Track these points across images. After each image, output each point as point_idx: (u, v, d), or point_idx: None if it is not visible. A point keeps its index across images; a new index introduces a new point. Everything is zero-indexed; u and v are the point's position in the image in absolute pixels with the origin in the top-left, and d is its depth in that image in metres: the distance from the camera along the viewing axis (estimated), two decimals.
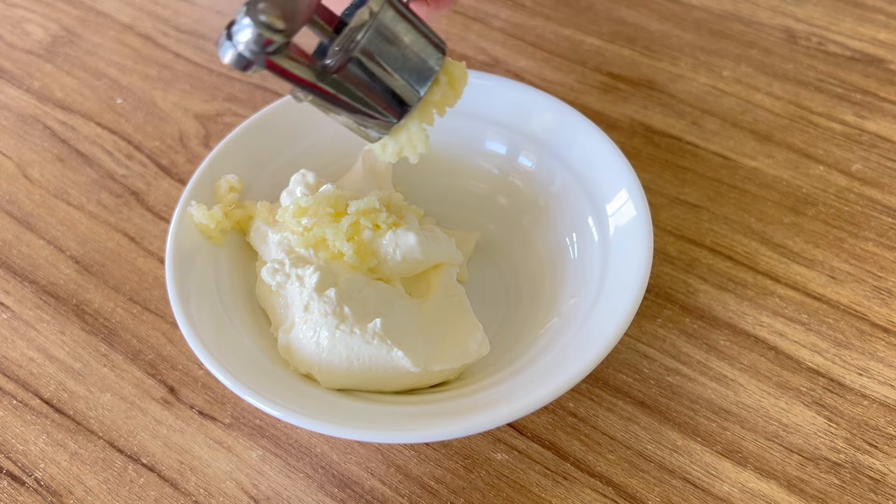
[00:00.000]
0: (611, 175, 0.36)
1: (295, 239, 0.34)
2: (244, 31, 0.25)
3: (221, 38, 0.25)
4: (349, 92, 0.28)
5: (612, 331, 0.31)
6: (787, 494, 0.32)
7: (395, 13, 0.28)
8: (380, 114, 0.29)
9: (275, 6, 0.25)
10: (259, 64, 0.25)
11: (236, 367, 0.31)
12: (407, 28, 0.28)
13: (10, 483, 0.34)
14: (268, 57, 0.25)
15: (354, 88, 0.28)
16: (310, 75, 0.27)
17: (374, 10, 0.27)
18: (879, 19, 0.50)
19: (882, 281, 0.38)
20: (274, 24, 0.25)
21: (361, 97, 0.28)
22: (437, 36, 0.29)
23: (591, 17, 0.52)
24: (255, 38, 0.25)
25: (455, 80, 0.30)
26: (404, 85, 0.29)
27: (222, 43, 0.25)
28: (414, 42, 0.28)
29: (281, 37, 0.25)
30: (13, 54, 0.53)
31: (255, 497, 0.33)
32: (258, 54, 0.25)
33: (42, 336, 0.39)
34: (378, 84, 0.28)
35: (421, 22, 0.29)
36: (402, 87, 0.29)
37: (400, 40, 0.28)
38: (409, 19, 0.28)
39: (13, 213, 0.44)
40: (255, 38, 0.25)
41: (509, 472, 0.33)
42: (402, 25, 0.28)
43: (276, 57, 0.26)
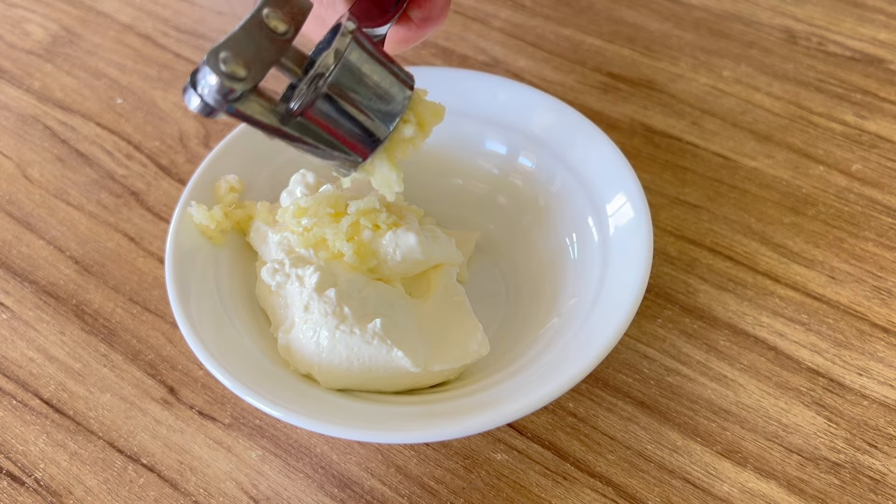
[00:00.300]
0: (611, 175, 0.36)
1: (295, 239, 0.34)
2: (206, 79, 0.25)
3: (187, 85, 0.25)
4: (314, 133, 0.28)
5: (612, 331, 0.31)
6: (786, 494, 0.32)
7: (362, 52, 0.28)
8: (346, 153, 0.29)
9: (237, 54, 0.25)
10: (223, 111, 0.26)
11: (236, 367, 0.31)
12: (373, 68, 0.28)
13: (9, 483, 0.34)
14: (231, 104, 0.26)
15: (319, 130, 0.28)
16: (273, 120, 0.27)
17: (340, 49, 0.27)
18: (879, 19, 0.50)
19: (882, 281, 0.38)
20: (236, 73, 0.25)
21: (327, 138, 0.28)
22: (404, 72, 0.29)
23: (591, 17, 0.52)
24: (217, 87, 0.25)
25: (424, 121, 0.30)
26: (370, 125, 0.28)
27: (187, 90, 0.25)
28: (380, 81, 0.28)
29: (242, 85, 0.25)
30: (13, 54, 0.53)
31: (254, 497, 0.33)
32: (221, 102, 0.25)
33: (42, 336, 0.39)
34: (344, 125, 0.28)
35: (388, 59, 0.29)
36: (369, 127, 0.28)
37: (366, 80, 0.28)
38: (376, 58, 0.28)
39: (13, 213, 0.44)
40: (217, 87, 0.25)
41: (509, 472, 0.33)
42: (367, 66, 0.28)
43: (239, 104, 0.26)
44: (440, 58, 0.50)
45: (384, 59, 0.29)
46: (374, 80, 0.28)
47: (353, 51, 0.27)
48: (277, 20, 0.27)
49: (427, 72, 0.40)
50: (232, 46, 0.25)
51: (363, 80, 0.28)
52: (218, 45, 0.25)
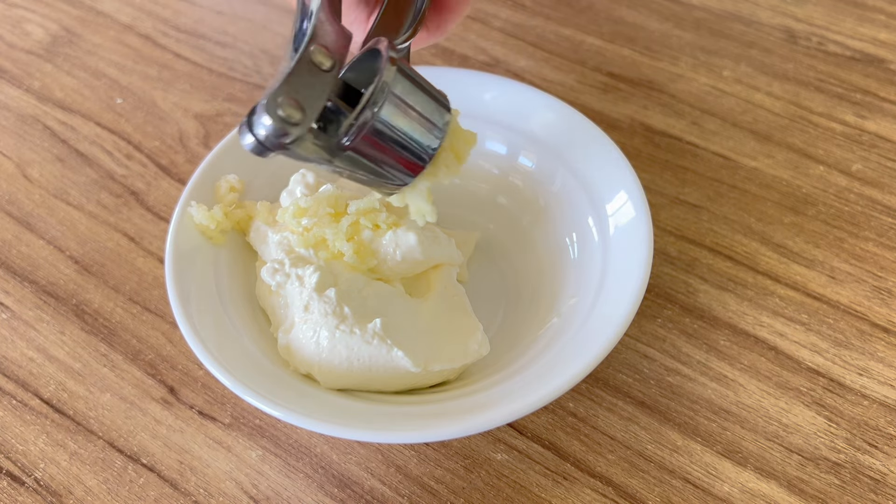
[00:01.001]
0: (611, 175, 0.36)
1: (295, 239, 0.34)
2: (263, 123, 0.25)
3: (242, 126, 0.26)
4: (362, 164, 0.28)
5: (612, 331, 0.31)
6: (787, 494, 0.32)
7: (406, 83, 0.28)
8: (390, 179, 0.29)
9: (292, 99, 0.25)
10: (277, 151, 0.26)
11: (236, 367, 0.31)
12: (417, 98, 0.28)
13: (9, 483, 0.34)
14: (286, 145, 0.26)
15: (367, 161, 0.28)
16: (325, 155, 0.27)
17: (388, 81, 0.28)
18: (879, 19, 0.50)
19: (882, 281, 0.38)
20: (292, 118, 0.25)
21: (373, 168, 0.29)
22: (441, 94, 0.30)
23: (591, 17, 0.52)
24: (273, 131, 0.25)
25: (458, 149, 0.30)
26: (415, 151, 0.29)
27: (243, 131, 0.26)
28: (424, 110, 0.29)
29: (298, 130, 0.25)
30: (13, 54, 0.53)
31: (254, 497, 0.33)
32: (277, 144, 0.26)
33: (42, 336, 0.39)
34: (390, 154, 0.29)
35: (426, 82, 0.29)
36: (413, 154, 0.29)
37: (411, 111, 0.28)
38: (419, 85, 0.29)
39: (13, 213, 0.44)
40: (273, 131, 0.25)
41: (509, 472, 0.33)
42: (412, 96, 0.28)
43: (294, 145, 0.26)
44: (440, 58, 0.50)
45: (425, 86, 0.29)
46: (418, 109, 0.28)
47: (399, 82, 0.28)
48: (322, 56, 0.27)
49: (427, 72, 0.40)
50: (289, 89, 0.26)
51: (409, 111, 0.28)
52: (275, 89, 0.25)
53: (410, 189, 0.30)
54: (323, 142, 0.27)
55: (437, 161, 0.30)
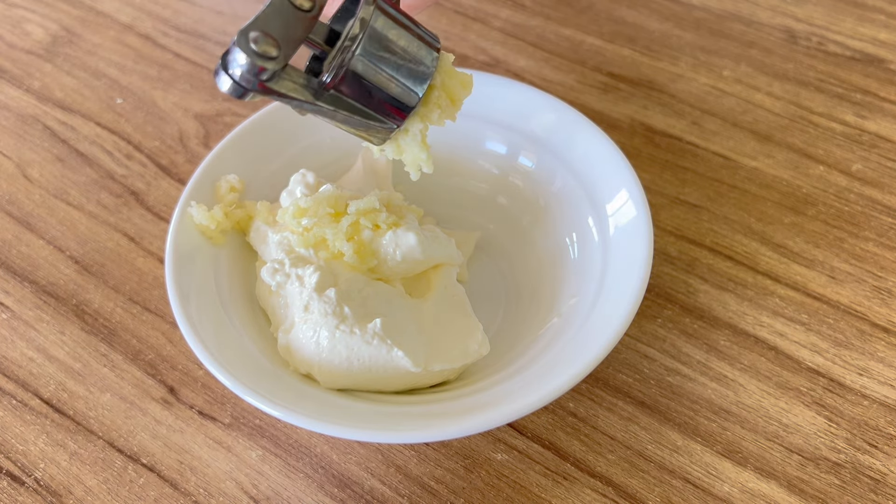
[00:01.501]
0: (611, 175, 0.36)
1: (295, 239, 0.34)
2: (237, 60, 0.25)
3: (218, 68, 0.25)
4: (348, 105, 0.28)
5: (612, 331, 0.31)
6: (787, 494, 0.32)
7: (386, 19, 0.28)
8: (380, 121, 0.29)
9: (266, 33, 0.25)
10: (256, 91, 0.26)
11: (236, 367, 0.31)
12: (399, 33, 0.28)
13: (9, 483, 0.34)
14: (264, 83, 0.25)
15: (353, 101, 0.28)
16: (307, 95, 0.27)
17: (366, 18, 0.27)
18: (879, 19, 0.50)
19: (882, 281, 0.38)
20: (267, 52, 0.25)
21: (360, 108, 0.28)
22: (429, 33, 0.29)
23: (591, 17, 0.52)
24: (248, 67, 0.25)
25: (452, 91, 0.30)
26: (402, 90, 0.28)
27: (218, 72, 0.25)
28: (408, 46, 0.28)
29: (274, 63, 0.25)
30: (13, 54, 0.53)
31: (254, 497, 0.33)
32: (253, 82, 0.25)
33: (42, 336, 0.39)
34: (376, 93, 0.28)
35: (412, 21, 0.29)
36: (400, 93, 0.29)
37: (393, 46, 0.28)
38: (401, 22, 0.28)
39: (13, 213, 0.44)
40: (248, 67, 0.25)
41: (509, 472, 0.33)
42: (394, 31, 0.28)
43: (272, 82, 0.26)
44: None
45: (409, 23, 0.28)
46: (401, 44, 0.28)
47: (378, 18, 0.27)
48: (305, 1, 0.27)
49: None
50: (261, 26, 0.25)
51: (391, 46, 0.28)
52: (247, 25, 0.25)
53: (403, 133, 0.30)
54: (305, 81, 0.27)
55: (429, 101, 0.29)
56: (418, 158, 0.31)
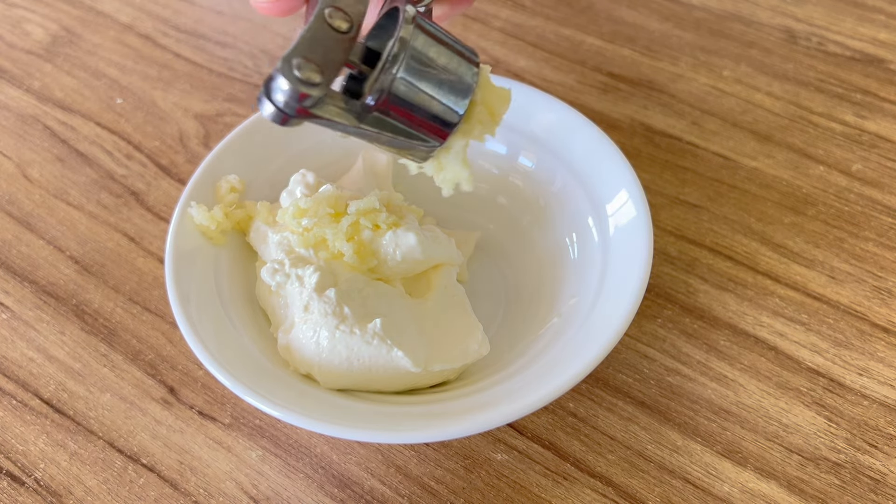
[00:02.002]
0: (611, 175, 0.36)
1: (295, 239, 0.34)
2: (280, 87, 0.24)
3: (260, 95, 0.25)
4: (391, 126, 0.28)
5: (612, 331, 0.31)
6: (787, 494, 0.32)
7: (427, 37, 0.27)
8: (423, 140, 0.29)
9: (309, 59, 0.25)
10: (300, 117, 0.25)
11: (236, 367, 0.31)
12: (439, 50, 0.28)
13: (9, 483, 0.34)
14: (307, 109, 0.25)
15: (396, 122, 0.28)
16: (351, 119, 0.27)
17: (406, 38, 0.27)
18: (879, 19, 0.50)
19: (882, 281, 0.38)
20: (310, 79, 0.24)
21: (404, 129, 0.28)
22: (467, 47, 0.29)
23: (591, 17, 0.52)
24: (292, 94, 0.24)
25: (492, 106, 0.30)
26: (444, 108, 0.28)
27: (261, 99, 0.25)
28: (448, 63, 0.28)
29: (318, 90, 0.25)
30: (13, 54, 0.53)
31: (254, 497, 0.33)
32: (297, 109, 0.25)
33: (42, 336, 0.39)
34: (419, 113, 0.28)
35: (450, 36, 0.29)
36: (443, 111, 0.28)
37: (435, 65, 0.28)
38: (441, 39, 0.28)
39: (13, 213, 0.44)
40: (292, 94, 0.24)
41: (509, 472, 0.33)
42: (434, 49, 0.28)
43: (316, 108, 0.25)
44: None
45: (448, 38, 0.28)
46: (442, 62, 0.28)
47: (419, 37, 0.27)
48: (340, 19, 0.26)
49: None
50: (303, 51, 0.25)
51: (432, 64, 0.27)
52: (289, 51, 0.24)
53: (445, 151, 0.29)
54: (347, 105, 0.27)
55: (471, 117, 0.29)
56: (459, 176, 0.30)
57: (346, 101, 0.27)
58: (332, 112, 0.26)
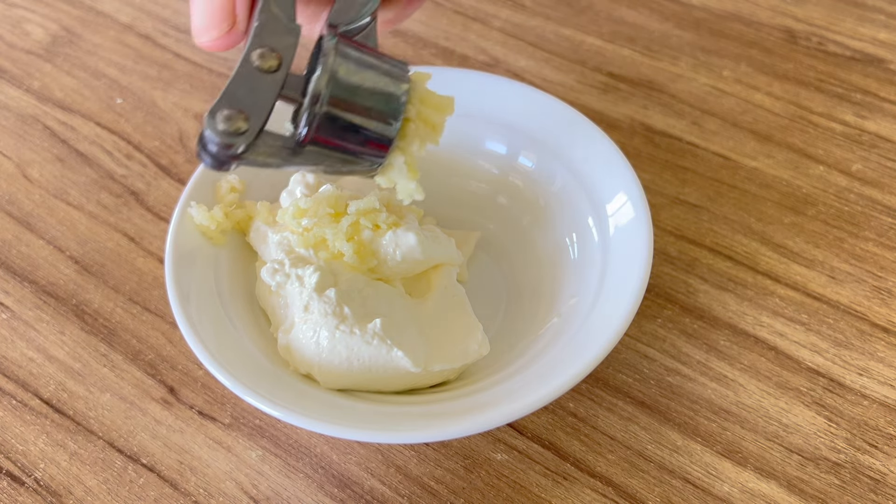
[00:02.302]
0: (611, 175, 0.36)
1: (295, 239, 0.34)
2: (210, 140, 0.25)
3: (197, 146, 0.26)
4: (326, 156, 0.28)
5: (612, 331, 0.31)
6: (787, 494, 0.32)
7: (349, 64, 0.27)
8: (361, 163, 0.29)
9: (233, 108, 0.26)
10: (233, 163, 0.26)
11: (236, 367, 0.31)
12: (364, 76, 0.28)
13: (9, 483, 0.34)
14: (238, 157, 0.26)
15: (330, 151, 0.28)
16: (286, 156, 0.27)
17: (326, 67, 0.27)
18: (879, 19, 0.50)
19: (882, 281, 0.38)
20: (237, 129, 0.25)
21: (339, 156, 0.28)
22: (397, 63, 0.29)
23: (591, 17, 0.52)
24: (221, 146, 0.25)
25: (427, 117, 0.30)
26: (377, 131, 0.28)
27: (199, 152, 0.26)
28: (375, 85, 0.28)
29: (244, 139, 0.26)
30: (13, 54, 0.53)
31: (254, 497, 0.33)
32: (229, 158, 0.26)
33: (42, 336, 0.39)
34: (352, 138, 0.28)
35: (377, 56, 0.28)
36: (376, 133, 0.28)
37: (361, 92, 0.27)
38: (365, 62, 0.28)
39: (13, 213, 0.44)
40: (221, 146, 0.25)
41: (509, 472, 0.33)
42: (358, 76, 0.27)
43: (247, 154, 0.26)
44: (440, 58, 0.50)
45: (374, 60, 0.28)
46: (368, 87, 0.28)
47: (341, 65, 0.27)
48: (267, 59, 0.27)
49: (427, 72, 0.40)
50: (227, 101, 0.26)
51: (358, 92, 0.27)
52: (215, 103, 0.25)
53: (388, 168, 0.30)
54: (283, 142, 0.27)
55: (407, 134, 0.29)
56: (407, 189, 0.30)
57: (281, 138, 0.27)
58: (264, 153, 0.27)
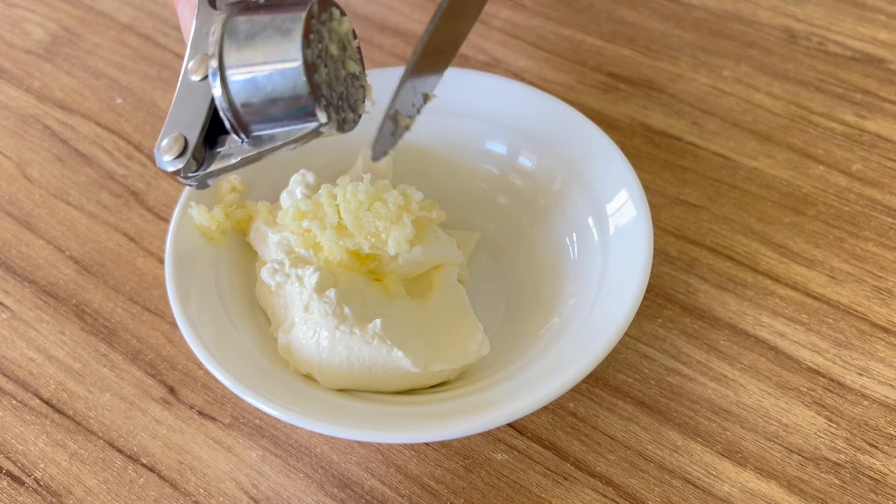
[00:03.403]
0: (611, 175, 0.36)
1: (295, 239, 0.34)
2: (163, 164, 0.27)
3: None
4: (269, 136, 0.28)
5: (612, 331, 0.31)
6: (787, 494, 0.32)
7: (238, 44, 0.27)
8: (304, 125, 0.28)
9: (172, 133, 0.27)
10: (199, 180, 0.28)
11: (236, 367, 0.31)
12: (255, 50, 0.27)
13: (9, 483, 0.34)
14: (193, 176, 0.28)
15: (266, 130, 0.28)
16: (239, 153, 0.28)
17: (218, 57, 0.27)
18: (879, 19, 0.50)
19: (882, 281, 0.38)
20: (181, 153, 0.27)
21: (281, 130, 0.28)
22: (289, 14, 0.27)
23: (591, 17, 0.52)
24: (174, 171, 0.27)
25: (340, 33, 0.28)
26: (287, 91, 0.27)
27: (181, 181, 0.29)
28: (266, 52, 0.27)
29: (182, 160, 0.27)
30: (13, 54, 0.53)
31: (254, 497, 0.33)
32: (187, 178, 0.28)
33: (42, 336, 0.39)
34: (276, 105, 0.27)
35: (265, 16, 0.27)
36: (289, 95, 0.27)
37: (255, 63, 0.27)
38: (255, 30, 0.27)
39: (13, 213, 0.44)
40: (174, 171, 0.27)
41: (509, 472, 0.33)
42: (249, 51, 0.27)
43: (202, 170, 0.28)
44: None
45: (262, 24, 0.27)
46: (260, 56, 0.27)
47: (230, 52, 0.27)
48: (199, 66, 0.28)
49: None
50: (169, 127, 0.27)
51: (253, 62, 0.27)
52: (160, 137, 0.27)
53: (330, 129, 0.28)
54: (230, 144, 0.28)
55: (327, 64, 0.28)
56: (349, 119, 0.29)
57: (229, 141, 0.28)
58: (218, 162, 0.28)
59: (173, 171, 0.27)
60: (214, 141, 0.28)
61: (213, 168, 0.27)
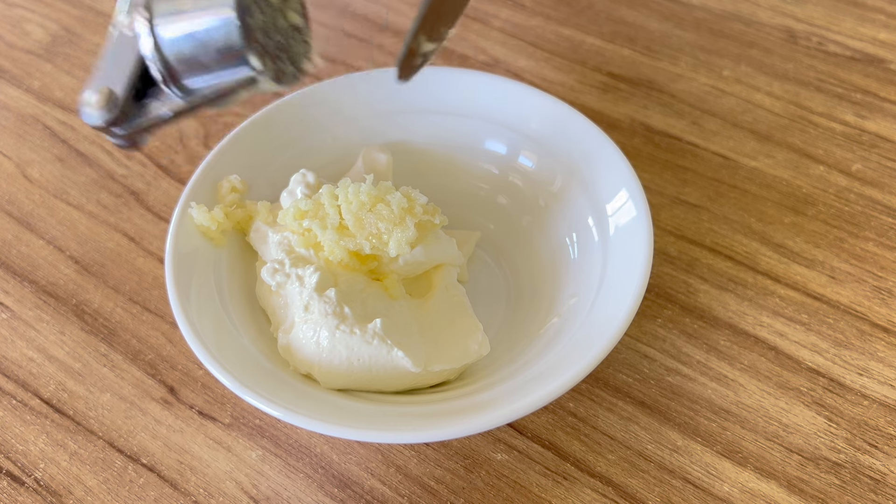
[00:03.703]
0: (611, 175, 0.36)
1: (295, 239, 0.34)
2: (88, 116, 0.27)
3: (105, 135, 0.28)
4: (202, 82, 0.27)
5: (612, 331, 0.31)
6: (787, 494, 0.32)
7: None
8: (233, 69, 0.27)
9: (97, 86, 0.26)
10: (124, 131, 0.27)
11: (236, 367, 0.31)
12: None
13: (9, 483, 0.34)
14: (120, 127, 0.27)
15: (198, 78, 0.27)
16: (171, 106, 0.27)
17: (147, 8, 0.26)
18: (879, 19, 0.50)
19: (882, 281, 0.38)
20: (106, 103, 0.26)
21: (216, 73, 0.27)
22: None
23: (591, 17, 0.52)
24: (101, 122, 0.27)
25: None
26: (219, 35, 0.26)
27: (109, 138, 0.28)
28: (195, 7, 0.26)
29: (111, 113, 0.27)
30: (13, 54, 0.53)
31: (254, 497, 0.33)
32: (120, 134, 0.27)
33: (42, 336, 0.39)
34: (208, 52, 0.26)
35: None
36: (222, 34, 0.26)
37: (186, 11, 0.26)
38: None
39: (13, 213, 0.44)
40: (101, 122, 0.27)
41: (509, 472, 0.33)
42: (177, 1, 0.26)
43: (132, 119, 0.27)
44: (440, 58, 0.50)
45: None
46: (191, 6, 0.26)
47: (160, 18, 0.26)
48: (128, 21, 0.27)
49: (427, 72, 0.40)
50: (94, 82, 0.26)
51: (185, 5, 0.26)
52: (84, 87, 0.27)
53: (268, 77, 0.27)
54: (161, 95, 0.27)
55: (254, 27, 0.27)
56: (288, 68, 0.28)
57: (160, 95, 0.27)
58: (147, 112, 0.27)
59: (99, 124, 0.26)
60: (145, 94, 0.28)
61: (141, 120, 0.27)
